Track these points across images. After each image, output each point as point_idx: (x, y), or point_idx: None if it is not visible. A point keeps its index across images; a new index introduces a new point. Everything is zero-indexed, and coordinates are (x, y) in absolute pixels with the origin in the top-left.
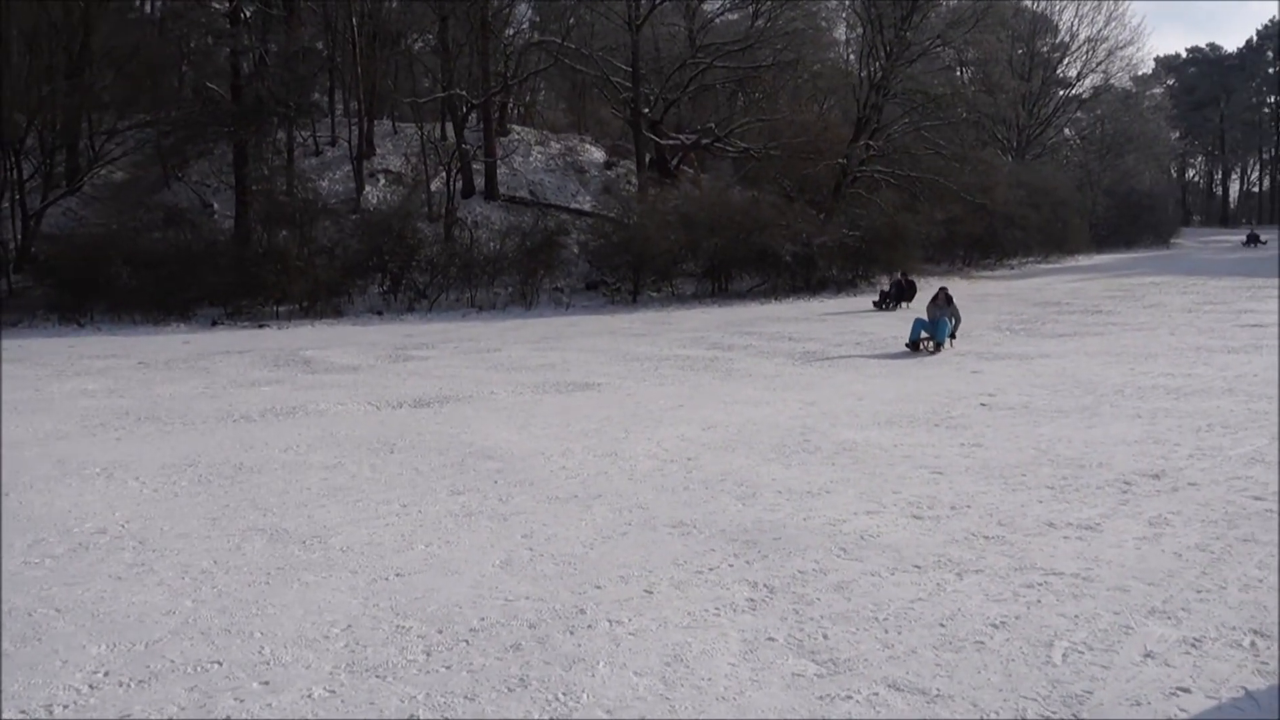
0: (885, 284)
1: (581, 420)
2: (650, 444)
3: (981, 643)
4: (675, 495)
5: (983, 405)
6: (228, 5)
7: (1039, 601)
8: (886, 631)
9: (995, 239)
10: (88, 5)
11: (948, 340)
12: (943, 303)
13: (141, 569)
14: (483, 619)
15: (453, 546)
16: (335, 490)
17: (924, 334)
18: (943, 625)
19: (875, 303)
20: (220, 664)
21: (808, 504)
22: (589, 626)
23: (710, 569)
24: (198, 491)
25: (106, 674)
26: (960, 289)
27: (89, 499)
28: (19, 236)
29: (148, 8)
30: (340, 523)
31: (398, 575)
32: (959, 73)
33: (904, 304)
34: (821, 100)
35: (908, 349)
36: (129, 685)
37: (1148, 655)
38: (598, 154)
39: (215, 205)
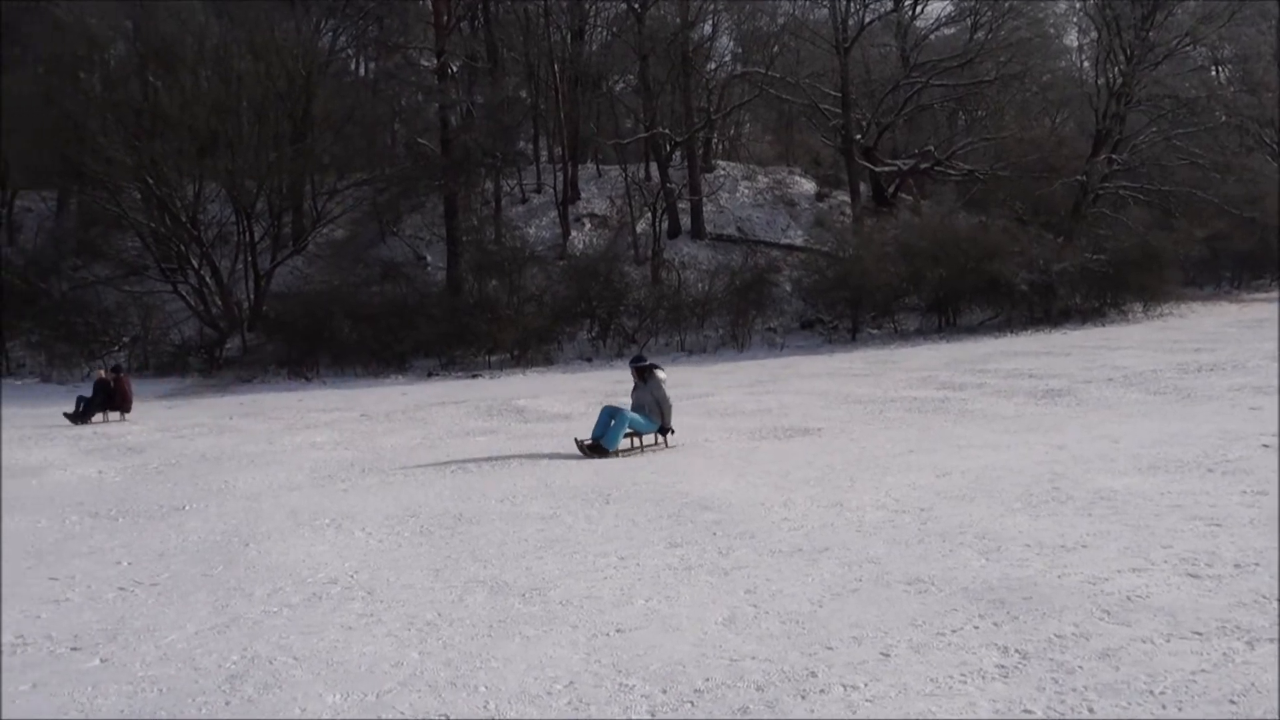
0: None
1: (802, 468)
2: (879, 493)
3: None
4: (909, 549)
5: (1265, 446)
6: (435, 62)
7: None
8: (1164, 707)
9: (1270, 256)
10: (309, 73)
11: (655, 436)
12: (641, 384)
13: (370, 619)
14: (708, 679)
15: (673, 602)
16: (552, 541)
17: (629, 429)
18: (1233, 702)
19: (68, 414)
20: (448, 718)
21: (1062, 559)
22: (821, 691)
23: (953, 630)
24: (420, 542)
25: None
26: (1230, 313)
27: (320, 549)
28: (251, 296)
29: (361, 70)
30: (558, 575)
31: (618, 630)
32: (1214, 72)
33: (112, 415)
34: (1054, 113)
35: (582, 451)
36: None
37: None
38: (808, 186)
39: (428, 257)
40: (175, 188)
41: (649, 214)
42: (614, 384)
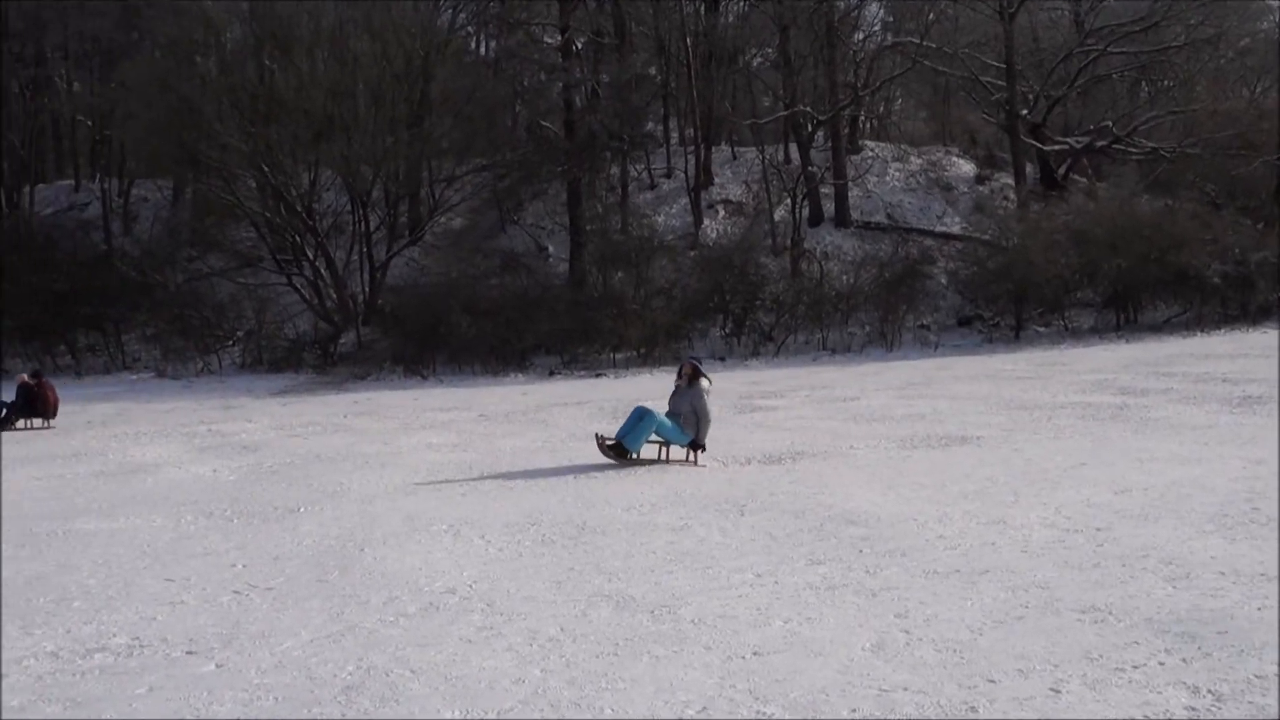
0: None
1: (959, 480)
2: (1047, 510)
3: None
4: (1083, 573)
5: None
6: (559, 39)
7: None
8: None
9: None
10: (427, 53)
11: (685, 450)
12: (684, 386)
13: (490, 633)
14: (854, 710)
15: (815, 624)
16: (683, 555)
17: (657, 436)
18: None
19: None
20: None
21: (1262, 589)
22: None
23: (1134, 666)
24: (541, 552)
25: None
26: None
27: (437, 556)
28: (366, 289)
29: (482, 49)
30: (690, 591)
31: (755, 654)
32: None
33: (35, 421)
34: (1253, 83)
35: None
36: None
37: None
38: (967, 167)
39: (550, 248)
40: (290, 175)
41: (788, 200)
42: (750, 385)
